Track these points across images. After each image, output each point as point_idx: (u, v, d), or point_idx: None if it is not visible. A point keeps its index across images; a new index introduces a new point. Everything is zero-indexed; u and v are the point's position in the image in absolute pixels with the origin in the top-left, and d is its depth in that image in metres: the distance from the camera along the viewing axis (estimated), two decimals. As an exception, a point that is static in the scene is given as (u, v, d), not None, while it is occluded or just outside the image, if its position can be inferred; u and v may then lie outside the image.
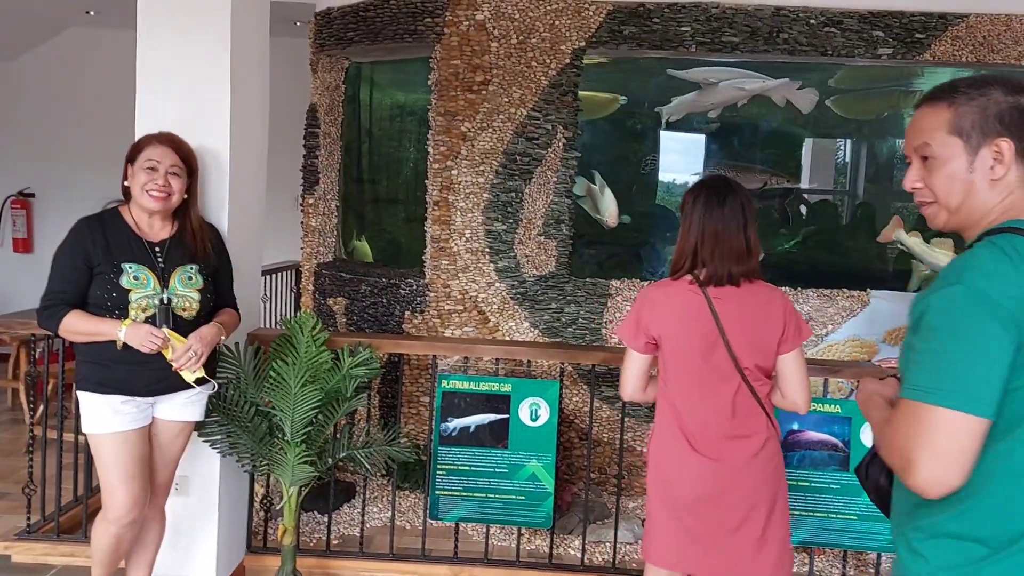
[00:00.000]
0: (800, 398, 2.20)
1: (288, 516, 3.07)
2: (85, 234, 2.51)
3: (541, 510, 3.19)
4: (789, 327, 2.16)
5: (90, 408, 2.53)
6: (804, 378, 2.19)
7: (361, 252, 4.93)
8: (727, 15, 3.99)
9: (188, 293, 2.58)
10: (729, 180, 2.29)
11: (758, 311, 2.15)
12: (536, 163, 4.07)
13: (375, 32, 4.25)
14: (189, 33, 2.96)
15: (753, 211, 2.21)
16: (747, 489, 2.18)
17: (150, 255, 2.56)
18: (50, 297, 2.49)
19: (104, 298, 2.48)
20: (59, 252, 2.52)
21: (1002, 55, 3.96)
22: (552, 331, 4.12)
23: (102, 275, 2.48)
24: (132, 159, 2.57)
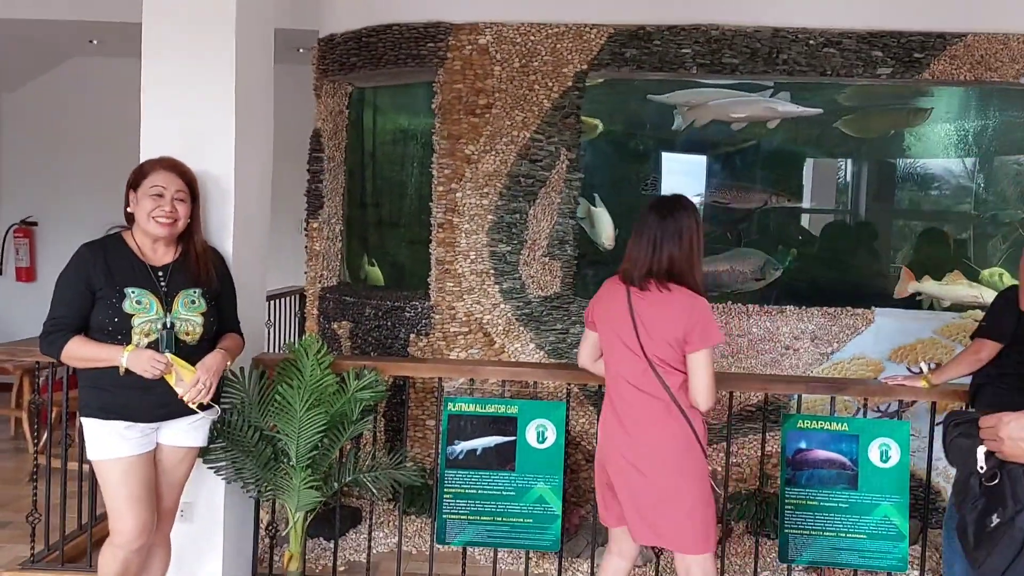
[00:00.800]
0: (699, 396, 2.49)
1: (294, 542, 3.05)
2: (87, 259, 2.51)
3: (549, 533, 3.16)
4: (693, 331, 2.45)
5: (94, 434, 2.52)
6: (703, 379, 2.47)
7: (373, 277, 4.94)
8: (727, 37, 4.02)
9: (191, 317, 2.58)
10: (682, 200, 2.59)
11: (663, 312, 2.49)
12: (540, 184, 4.09)
13: (378, 57, 4.29)
14: (193, 60, 2.99)
15: (694, 232, 2.52)
16: (646, 455, 2.53)
17: (153, 280, 2.55)
18: (52, 323, 2.49)
19: (106, 323, 2.48)
20: (61, 278, 2.52)
21: (999, 73, 3.99)
22: (558, 352, 4.11)
23: (104, 300, 2.48)
24: (135, 185, 2.58)
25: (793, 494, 3.10)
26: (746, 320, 4.09)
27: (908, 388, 3.04)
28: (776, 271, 4.65)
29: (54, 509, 3.36)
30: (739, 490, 4.00)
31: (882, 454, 3.10)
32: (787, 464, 3.11)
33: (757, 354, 4.08)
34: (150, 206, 2.54)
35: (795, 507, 3.10)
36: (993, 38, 3.96)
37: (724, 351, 4.08)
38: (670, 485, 2.52)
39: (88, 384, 2.53)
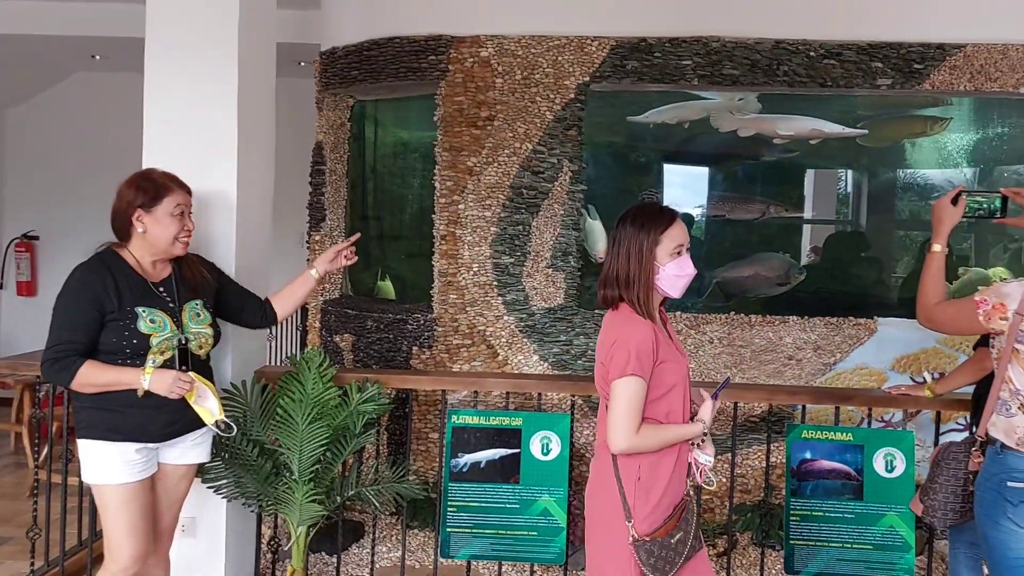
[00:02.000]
0: (609, 431, 2.05)
1: (296, 557, 3.03)
2: (94, 280, 2.42)
3: (554, 545, 3.14)
4: (613, 357, 2.07)
5: (97, 457, 2.44)
6: (614, 412, 2.03)
7: (386, 291, 4.93)
8: (727, 48, 4.04)
9: (202, 330, 2.57)
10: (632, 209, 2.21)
11: (603, 334, 2.19)
12: (543, 196, 4.09)
13: (379, 70, 4.30)
14: (196, 75, 3.00)
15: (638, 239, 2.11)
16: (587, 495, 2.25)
17: (159, 297, 2.51)
18: (59, 348, 2.37)
19: (122, 345, 2.41)
20: (64, 300, 2.42)
21: (999, 83, 4.00)
22: (561, 364, 4.10)
23: (116, 322, 2.41)
24: (149, 205, 2.48)
25: (798, 505, 3.08)
26: (749, 330, 4.08)
27: (912, 398, 3.03)
28: (800, 275, 4.66)
29: (54, 524, 3.34)
30: (744, 501, 3.98)
31: (887, 464, 3.09)
32: (792, 475, 3.10)
33: (760, 364, 4.07)
34: (176, 228, 2.50)
35: (800, 518, 3.08)
36: (992, 48, 3.98)
37: (728, 362, 4.07)
38: (590, 552, 2.17)
39: (92, 405, 2.43)
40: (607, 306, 2.20)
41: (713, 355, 4.07)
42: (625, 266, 2.12)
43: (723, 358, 4.07)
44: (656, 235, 2.10)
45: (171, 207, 2.49)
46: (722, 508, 4.00)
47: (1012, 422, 1.99)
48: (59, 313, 2.41)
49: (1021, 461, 1.97)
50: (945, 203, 2.28)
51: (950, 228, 2.27)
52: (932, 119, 4.60)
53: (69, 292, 2.42)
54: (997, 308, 2.01)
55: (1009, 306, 1.98)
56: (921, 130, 4.70)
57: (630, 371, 2.02)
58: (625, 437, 2.02)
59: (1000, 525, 1.97)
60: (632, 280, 2.11)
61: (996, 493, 1.99)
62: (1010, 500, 1.96)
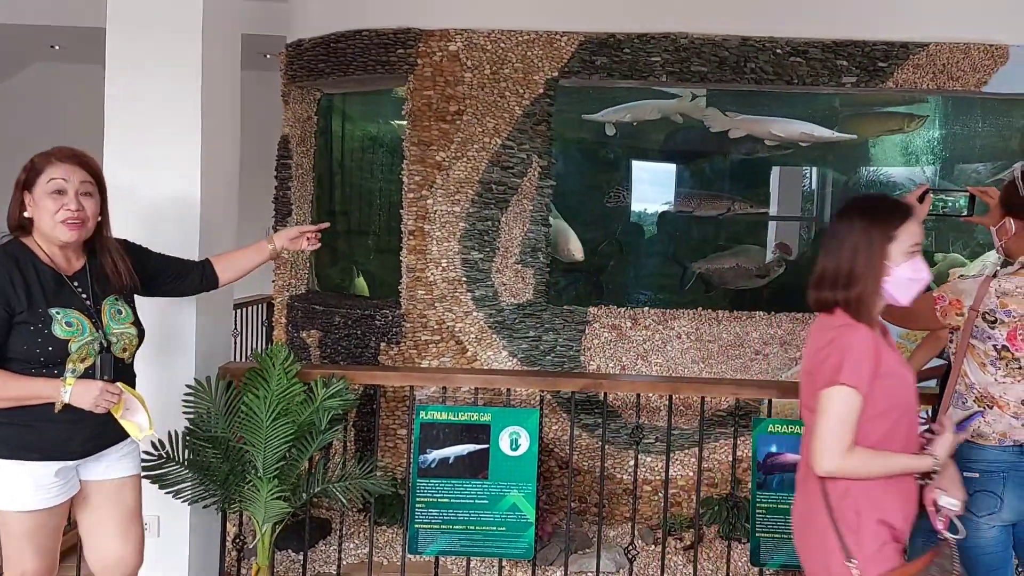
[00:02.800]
0: (814, 447, 1.82)
1: (262, 555, 2.99)
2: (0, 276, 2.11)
3: (522, 541, 3.14)
4: (823, 363, 1.84)
5: (4, 480, 2.13)
6: (821, 426, 1.80)
7: (359, 287, 4.89)
8: (695, 45, 4.06)
9: (125, 330, 2.27)
10: (855, 200, 1.99)
11: (811, 341, 1.94)
12: (512, 192, 4.08)
13: (347, 64, 4.26)
14: (158, 67, 2.94)
15: (868, 235, 1.87)
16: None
17: (74, 293, 2.20)
18: None
19: (35, 353, 2.11)
20: None
21: (961, 82, 4.07)
22: (531, 360, 4.10)
23: (26, 325, 2.10)
24: (30, 185, 2.16)
25: (764, 498, 3.11)
26: (717, 326, 4.11)
27: None
28: (780, 268, 4.71)
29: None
30: (711, 495, 4.02)
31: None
32: (758, 468, 3.13)
33: (728, 359, 4.11)
34: (53, 206, 2.13)
35: (766, 511, 3.11)
36: (955, 47, 4.04)
37: (695, 357, 4.10)
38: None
39: (2, 420, 2.11)
40: (820, 310, 1.95)
41: (681, 350, 4.10)
42: (848, 264, 1.86)
43: (691, 353, 4.10)
44: (890, 230, 1.83)
45: (46, 182, 2.14)
46: (689, 502, 4.03)
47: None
48: None
49: (976, 452, 2.01)
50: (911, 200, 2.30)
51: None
52: (909, 116, 4.68)
53: None
54: (953, 304, 2.04)
55: (965, 302, 2.02)
56: (898, 127, 4.77)
57: (843, 380, 1.78)
58: (832, 457, 1.76)
59: None
60: (856, 280, 1.85)
61: None
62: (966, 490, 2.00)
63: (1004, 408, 1.98)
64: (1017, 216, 2.02)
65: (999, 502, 1.97)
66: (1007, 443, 1.99)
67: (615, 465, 4.08)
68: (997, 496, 1.97)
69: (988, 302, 1.98)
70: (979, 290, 2.00)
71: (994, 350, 1.97)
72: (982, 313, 1.98)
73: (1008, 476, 1.97)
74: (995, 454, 1.99)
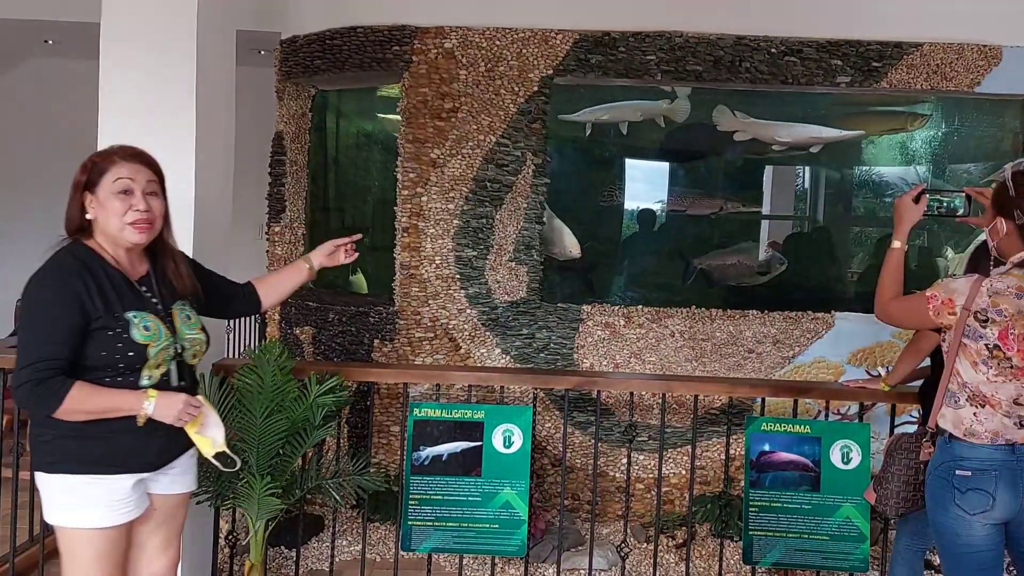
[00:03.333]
0: None
1: (255, 551, 2.99)
2: (73, 281, 1.97)
3: (515, 538, 3.14)
4: None
5: (74, 496, 1.99)
6: None
7: (358, 285, 4.88)
8: (690, 44, 4.06)
9: (196, 335, 2.17)
10: None
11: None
12: (506, 189, 4.09)
13: (342, 60, 4.25)
14: (153, 62, 2.93)
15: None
16: None
17: (145, 298, 2.09)
18: (40, 367, 1.91)
19: (114, 359, 1.98)
20: (39, 307, 1.96)
21: (955, 82, 4.08)
22: (524, 357, 4.10)
23: (104, 330, 1.98)
24: (91, 186, 2.05)
25: (757, 496, 3.12)
26: (710, 324, 4.12)
27: (868, 391, 3.09)
28: (781, 265, 4.74)
29: (4, 520, 3.25)
30: (703, 493, 4.03)
31: (843, 456, 3.14)
32: (751, 467, 3.14)
33: (721, 358, 4.12)
34: (120, 207, 2.03)
35: (759, 509, 3.12)
36: (948, 47, 4.06)
37: (689, 355, 4.11)
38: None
39: (69, 433, 1.98)
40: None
41: (675, 348, 4.11)
42: None
43: (684, 351, 4.11)
44: None
45: (112, 182, 2.03)
46: (682, 500, 4.05)
47: (960, 413, 2.04)
48: (36, 322, 1.96)
49: (968, 450, 2.02)
50: (906, 201, 2.31)
51: (910, 225, 2.31)
52: (912, 115, 4.69)
53: (43, 298, 1.96)
54: (946, 304, 2.06)
55: (957, 302, 2.03)
56: (900, 126, 4.78)
57: None
58: None
59: (948, 512, 2.02)
60: None
61: (945, 481, 2.04)
62: (958, 488, 2.01)
63: (996, 407, 1.99)
64: (1008, 216, 2.03)
65: (991, 500, 1.98)
66: (999, 442, 2.00)
67: (608, 463, 4.09)
68: (989, 494, 1.98)
69: (980, 301, 1.99)
70: (971, 289, 2.01)
71: (986, 349, 1.98)
72: (974, 312, 1.99)
73: (1000, 475, 1.98)
74: (987, 452, 2.00)
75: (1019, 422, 1.98)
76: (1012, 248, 2.03)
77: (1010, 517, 1.99)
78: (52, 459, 2.00)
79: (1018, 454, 1.98)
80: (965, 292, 2.02)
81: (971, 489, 1.99)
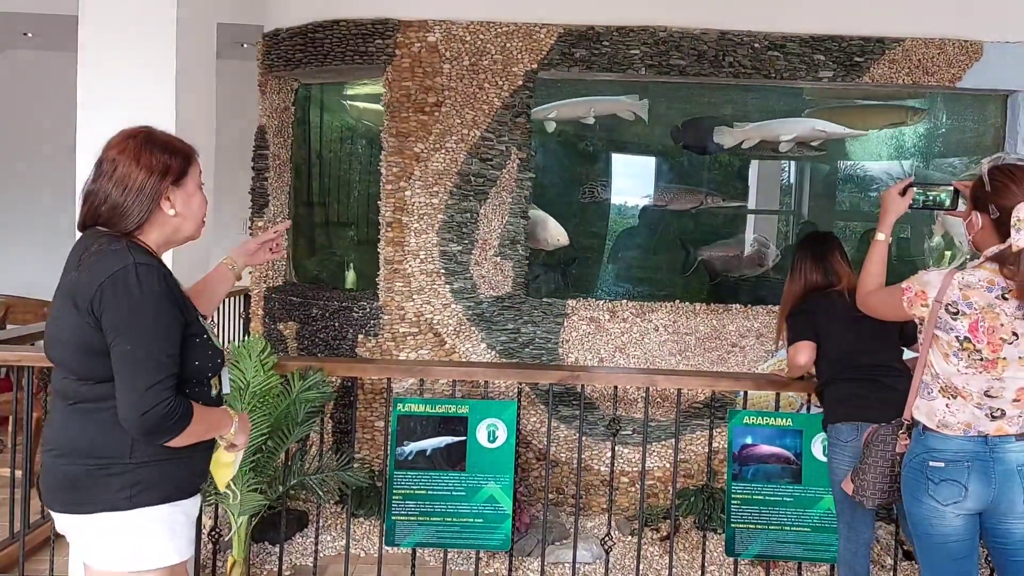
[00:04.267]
0: None
1: (237, 547, 2.98)
2: (171, 283, 1.75)
3: (499, 532, 3.15)
4: None
5: (157, 531, 1.74)
6: None
7: (351, 281, 4.85)
8: (674, 39, 4.07)
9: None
10: None
11: None
12: (491, 184, 4.08)
13: (324, 54, 4.23)
14: (132, 55, 2.91)
15: None
16: None
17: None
18: (169, 385, 1.67)
19: (208, 368, 1.79)
20: (147, 314, 1.67)
21: (936, 78, 4.11)
22: (509, 352, 4.10)
23: (194, 338, 1.76)
24: (182, 177, 1.83)
25: (739, 489, 3.15)
26: (694, 318, 4.14)
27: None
28: (777, 258, 4.79)
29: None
30: (687, 486, 4.05)
31: (824, 448, 3.16)
32: (733, 459, 3.16)
33: (705, 352, 4.14)
34: (203, 205, 1.90)
35: (741, 502, 3.14)
36: (930, 43, 4.08)
37: (672, 349, 4.13)
38: None
39: (146, 459, 1.73)
40: None
41: (659, 342, 4.12)
42: None
43: (668, 345, 4.13)
44: None
45: (197, 176, 1.88)
46: (665, 493, 4.06)
47: (933, 405, 2.07)
48: (147, 333, 1.67)
49: (941, 442, 2.04)
50: (893, 193, 2.33)
51: (895, 218, 2.33)
52: (912, 109, 4.71)
53: (150, 305, 1.68)
54: (919, 296, 2.08)
55: (929, 294, 2.05)
56: (900, 120, 4.80)
57: None
58: None
59: (923, 503, 2.05)
60: None
61: (919, 472, 2.07)
62: (931, 479, 2.03)
63: (967, 398, 2.02)
64: (983, 211, 2.05)
65: (964, 491, 2.00)
66: (971, 433, 2.02)
67: (592, 457, 4.10)
68: (962, 485, 2.00)
69: (951, 294, 2.01)
70: (943, 282, 2.03)
71: (956, 341, 2.00)
72: (945, 305, 2.01)
73: (972, 466, 2.01)
74: (959, 444, 2.02)
75: (990, 414, 2.01)
76: (987, 242, 2.05)
77: (983, 508, 2.02)
78: (129, 493, 1.71)
79: (990, 445, 2.01)
80: (937, 285, 2.04)
81: (944, 480, 2.02)
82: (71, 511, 1.73)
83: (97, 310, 1.67)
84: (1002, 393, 2.00)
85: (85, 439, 1.72)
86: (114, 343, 1.66)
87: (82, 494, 1.71)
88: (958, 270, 2.04)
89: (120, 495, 1.70)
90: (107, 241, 1.74)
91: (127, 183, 1.76)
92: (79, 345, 1.70)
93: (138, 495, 1.71)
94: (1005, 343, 1.97)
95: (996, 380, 1.99)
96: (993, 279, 1.99)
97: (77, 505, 1.72)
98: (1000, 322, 1.96)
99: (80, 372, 1.72)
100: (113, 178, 1.77)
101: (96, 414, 1.71)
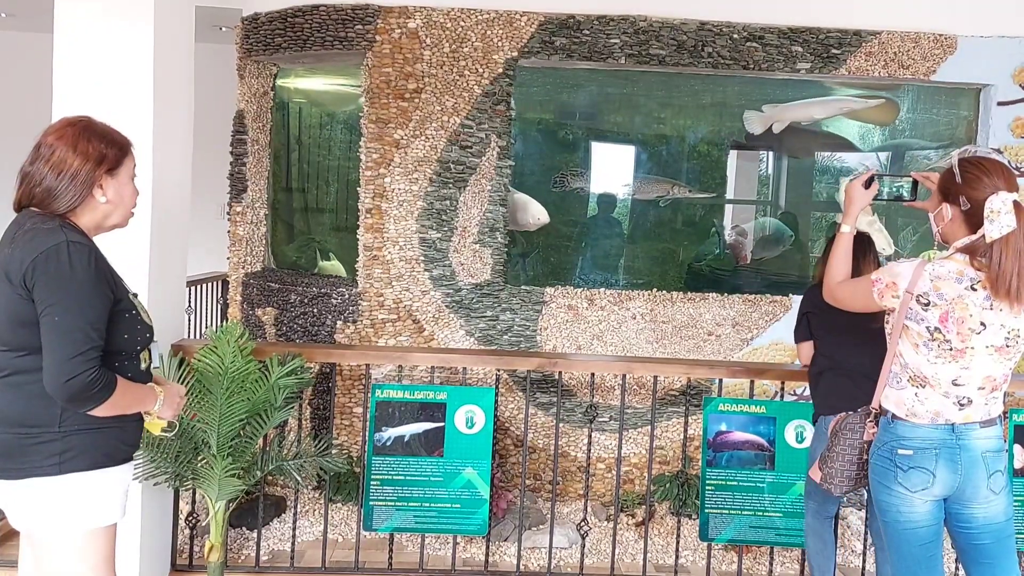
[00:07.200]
0: None
1: (215, 532, 2.99)
2: (100, 260, 1.84)
3: (476, 517, 3.18)
4: None
5: (97, 493, 1.85)
6: None
7: (335, 271, 4.83)
8: (654, 28, 4.09)
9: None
10: None
11: None
12: (471, 171, 4.08)
13: (304, 39, 4.20)
14: (109, 37, 2.87)
15: None
16: None
17: None
18: (93, 355, 1.75)
19: (136, 341, 1.90)
20: (75, 288, 1.76)
21: (912, 71, 4.16)
22: (488, 339, 4.12)
23: (124, 313, 1.86)
24: (116, 167, 1.90)
25: (713, 475, 3.20)
26: (671, 307, 4.18)
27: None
28: (791, 239, 4.93)
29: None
30: (663, 472, 4.10)
31: (798, 435, 3.23)
32: (708, 446, 3.21)
33: (681, 340, 4.18)
34: (134, 193, 1.98)
35: (715, 487, 3.20)
36: (906, 36, 4.14)
37: (650, 337, 4.17)
38: None
39: (74, 428, 1.82)
40: None
41: (636, 331, 4.16)
42: None
43: (645, 333, 4.17)
44: None
45: (131, 167, 1.96)
46: (641, 479, 4.12)
47: (902, 394, 2.11)
48: (75, 306, 1.75)
49: (910, 430, 2.09)
50: (857, 186, 2.36)
51: (859, 210, 2.36)
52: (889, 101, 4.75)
53: (79, 281, 1.77)
54: (889, 287, 2.11)
55: (900, 285, 2.09)
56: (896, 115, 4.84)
57: None
58: None
59: (891, 490, 2.09)
60: None
61: (888, 460, 2.11)
62: (900, 466, 2.08)
63: (935, 388, 2.06)
64: (953, 203, 2.09)
65: (931, 478, 2.05)
66: (939, 422, 2.07)
67: (569, 443, 4.14)
68: (930, 472, 2.05)
69: (922, 285, 2.05)
70: (915, 273, 2.07)
71: (927, 331, 2.04)
72: (916, 296, 2.05)
73: (940, 453, 2.05)
74: (927, 432, 2.07)
75: (958, 402, 2.05)
76: (955, 234, 2.09)
77: (949, 494, 2.07)
78: (57, 460, 1.81)
79: (957, 433, 2.06)
80: (908, 276, 2.08)
81: (913, 467, 2.06)
82: (3, 476, 1.84)
83: (29, 283, 1.76)
84: (969, 381, 2.04)
85: (16, 409, 1.82)
86: (43, 314, 1.76)
87: (15, 460, 1.82)
88: (927, 262, 2.08)
89: (48, 462, 1.81)
90: (40, 220, 1.83)
91: (62, 168, 1.84)
92: (11, 317, 1.80)
93: (67, 462, 1.82)
94: (973, 333, 2.01)
95: (964, 369, 2.04)
96: (962, 270, 2.03)
97: (9, 471, 1.82)
98: (969, 312, 2.01)
99: (12, 343, 1.82)
100: (50, 162, 1.85)
101: (27, 386, 1.81)
